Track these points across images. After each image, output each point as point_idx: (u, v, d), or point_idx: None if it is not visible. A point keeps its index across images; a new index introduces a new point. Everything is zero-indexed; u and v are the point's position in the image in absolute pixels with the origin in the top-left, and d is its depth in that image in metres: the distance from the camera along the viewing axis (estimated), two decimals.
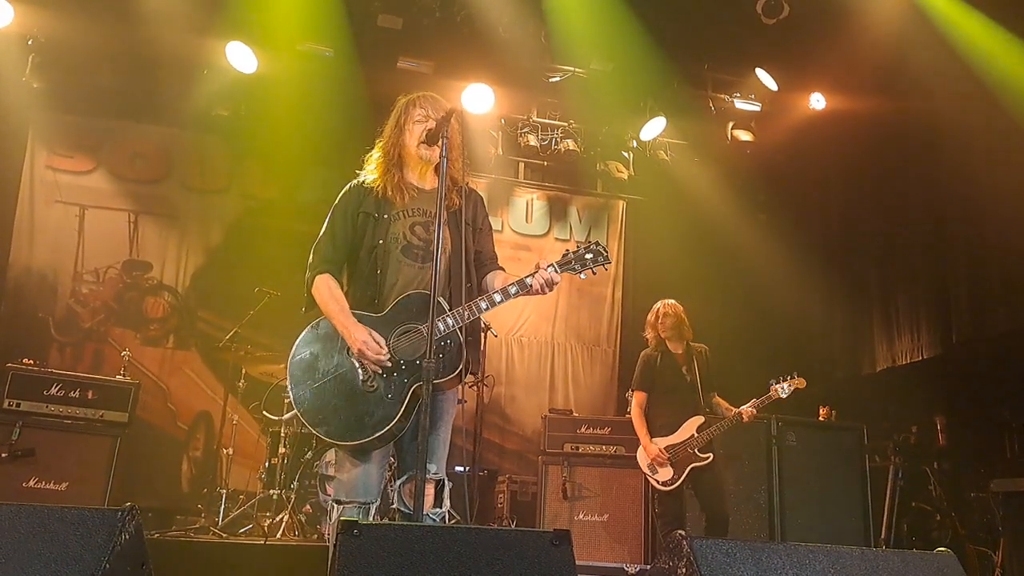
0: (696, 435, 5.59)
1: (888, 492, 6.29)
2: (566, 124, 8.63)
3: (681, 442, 5.61)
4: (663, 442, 5.64)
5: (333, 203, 3.50)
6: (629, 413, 5.99)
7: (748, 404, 5.69)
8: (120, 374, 6.41)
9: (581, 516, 6.51)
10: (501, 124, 8.70)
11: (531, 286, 3.33)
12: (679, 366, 5.88)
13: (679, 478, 5.55)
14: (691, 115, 8.35)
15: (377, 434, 3.13)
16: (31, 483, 5.75)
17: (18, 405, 5.87)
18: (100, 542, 2.24)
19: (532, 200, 9.31)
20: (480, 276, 3.56)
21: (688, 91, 8.10)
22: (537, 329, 8.96)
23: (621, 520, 6.52)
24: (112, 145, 8.08)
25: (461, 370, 3.22)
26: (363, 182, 3.49)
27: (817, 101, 8.06)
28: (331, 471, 6.08)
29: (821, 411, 6.92)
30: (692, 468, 5.55)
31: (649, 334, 6.04)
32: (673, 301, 6.02)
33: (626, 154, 8.95)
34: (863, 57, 7.04)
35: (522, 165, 9.25)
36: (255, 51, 7.33)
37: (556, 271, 3.40)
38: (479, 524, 6.77)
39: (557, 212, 9.35)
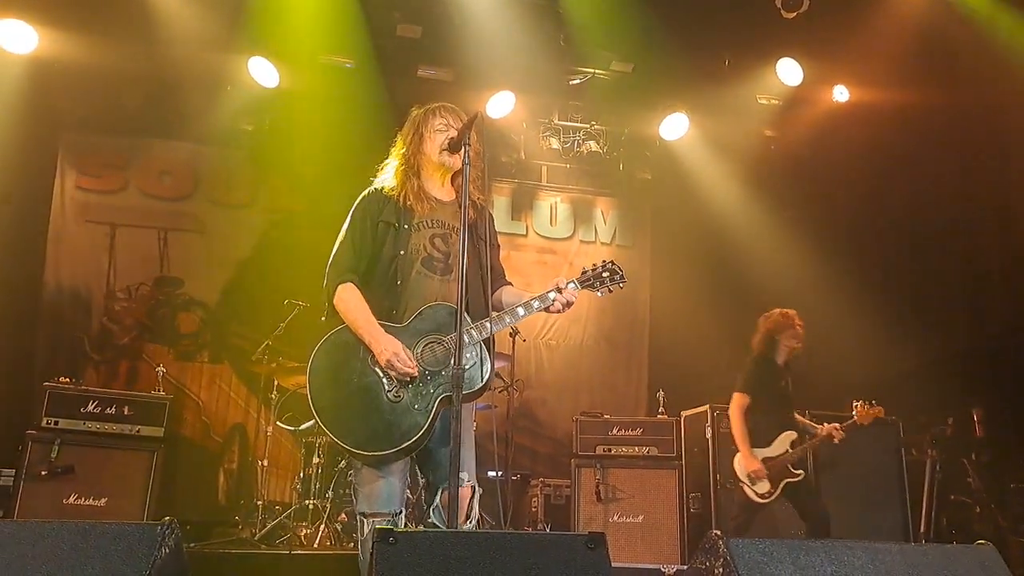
0: (790, 450, 5.54)
1: (926, 485, 6.22)
2: (588, 126, 8.63)
3: (777, 456, 5.55)
4: (760, 454, 5.57)
5: (350, 210, 3.49)
6: (732, 414, 5.73)
7: (832, 426, 5.64)
8: (155, 389, 6.48)
9: (616, 518, 6.48)
10: (523, 128, 8.71)
11: (553, 301, 3.38)
12: (780, 377, 5.78)
13: (775, 492, 5.48)
14: (713, 112, 8.30)
15: (405, 444, 3.12)
16: (71, 500, 5.83)
17: (56, 423, 5.95)
18: (141, 556, 2.27)
19: (556, 203, 9.30)
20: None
21: (709, 88, 8.05)
22: (566, 332, 8.95)
23: (656, 521, 6.48)
24: (140, 163, 8.18)
25: (487, 381, 3.23)
26: (381, 189, 3.50)
27: (840, 93, 7.99)
28: None
29: (856, 406, 6.84)
30: (786, 483, 5.48)
31: (757, 339, 5.90)
32: (793, 311, 5.91)
33: (649, 154, 8.92)
34: (886, 47, 6.97)
35: (545, 168, 9.24)
36: (277, 65, 7.40)
37: (576, 288, 3.47)
38: (514, 529, 6.77)
39: (582, 214, 9.34)
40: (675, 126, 8.32)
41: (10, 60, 7.08)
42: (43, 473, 5.77)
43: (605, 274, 3.56)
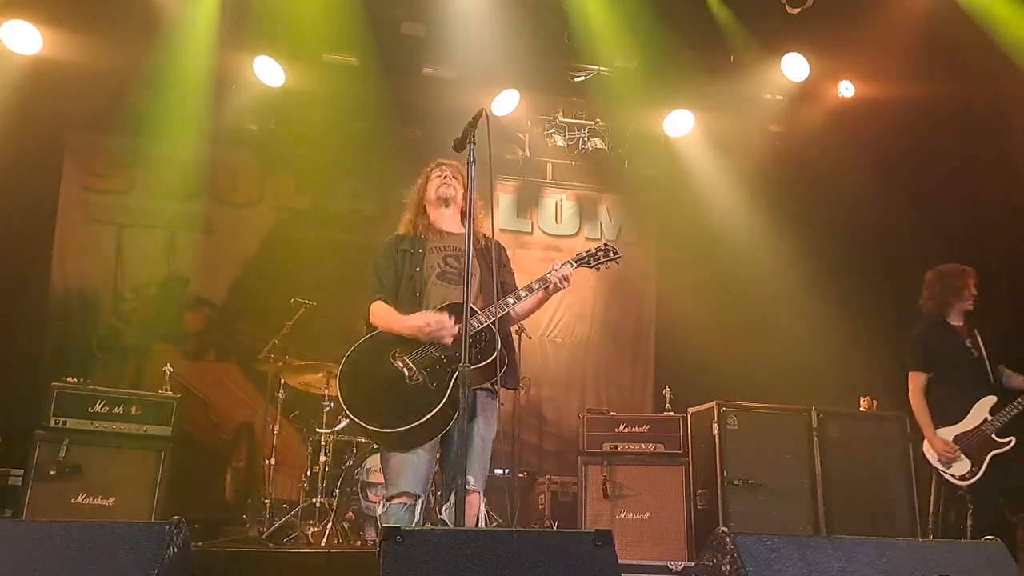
0: (990, 418, 5.03)
1: (933, 480, 6.20)
2: (593, 123, 8.61)
3: (973, 428, 5.06)
4: (950, 432, 5.11)
5: (374, 254, 3.99)
6: (912, 397, 5.32)
7: None
8: (162, 389, 6.49)
9: (623, 515, 6.48)
10: (528, 125, 8.71)
11: (550, 280, 3.77)
12: (962, 339, 5.31)
13: (979, 469, 4.99)
14: (718, 109, 8.29)
15: (426, 417, 3.44)
16: (79, 499, 5.83)
17: (64, 423, 5.95)
18: (149, 555, 2.28)
19: (561, 200, 9.29)
20: None
21: (714, 85, 8.04)
22: (572, 329, 8.94)
23: (664, 518, 6.47)
24: (146, 163, 8.16)
25: (496, 359, 3.56)
26: (395, 233, 4.02)
27: (846, 89, 7.96)
28: (372, 477, 6.17)
29: (862, 402, 6.82)
30: (993, 455, 4.98)
31: (928, 303, 5.46)
32: (969, 269, 5.43)
33: (654, 150, 8.90)
34: (891, 42, 6.95)
35: (550, 166, 9.24)
36: (282, 64, 7.41)
37: (572, 266, 3.86)
38: (521, 526, 6.77)
39: (587, 211, 9.33)
40: (680, 123, 8.32)
41: (15, 61, 7.08)
42: (51, 473, 5.78)
43: (599, 253, 3.97)
